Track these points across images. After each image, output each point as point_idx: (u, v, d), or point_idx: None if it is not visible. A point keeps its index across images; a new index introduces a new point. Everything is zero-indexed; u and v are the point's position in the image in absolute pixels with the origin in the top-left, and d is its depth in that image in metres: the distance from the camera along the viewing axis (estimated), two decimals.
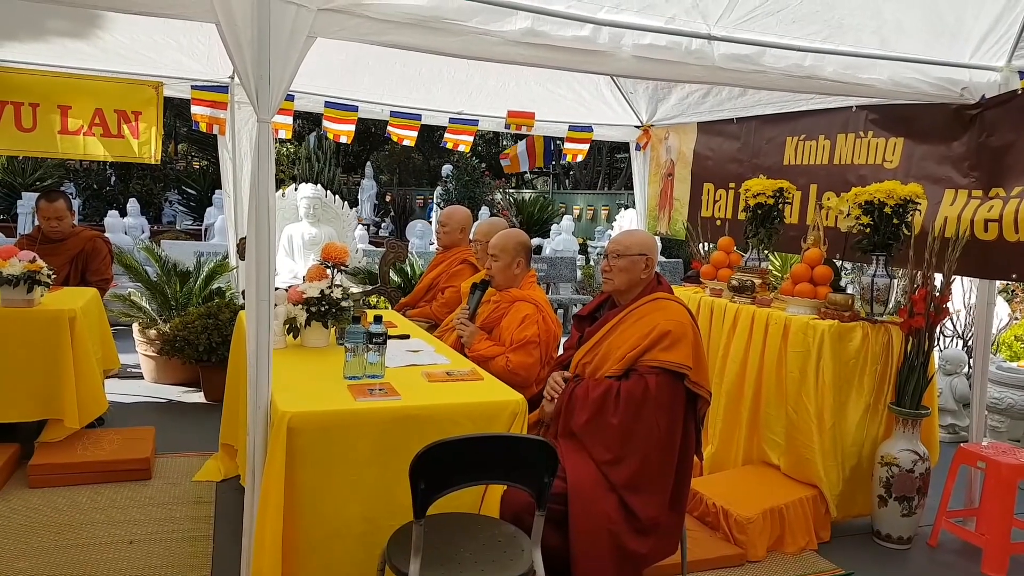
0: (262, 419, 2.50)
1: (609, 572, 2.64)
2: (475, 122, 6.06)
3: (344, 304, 3.42)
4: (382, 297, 5.75)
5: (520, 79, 5.60)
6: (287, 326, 3.34)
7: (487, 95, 5.84)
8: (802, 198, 4.58)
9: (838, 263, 4.34)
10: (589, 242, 13.55)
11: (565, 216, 12.41)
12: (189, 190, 17.73)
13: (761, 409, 3.96)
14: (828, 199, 4.33)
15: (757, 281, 4.19)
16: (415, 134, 6.06)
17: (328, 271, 3.59)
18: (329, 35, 2.58)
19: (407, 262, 6.74)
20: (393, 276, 6.59)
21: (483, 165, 16.37)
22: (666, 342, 2.77)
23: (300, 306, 3.35)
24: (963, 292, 5.92)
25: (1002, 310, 6.46)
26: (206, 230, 12.98)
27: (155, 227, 14.03)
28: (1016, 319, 6.47)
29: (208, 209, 13.71)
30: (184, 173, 19.01)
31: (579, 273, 10.22)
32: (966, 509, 3.77)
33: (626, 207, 13.34)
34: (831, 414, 3.64)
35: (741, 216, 4.87)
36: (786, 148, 4.79)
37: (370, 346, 2.88)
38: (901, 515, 3.55)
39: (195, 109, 5.55)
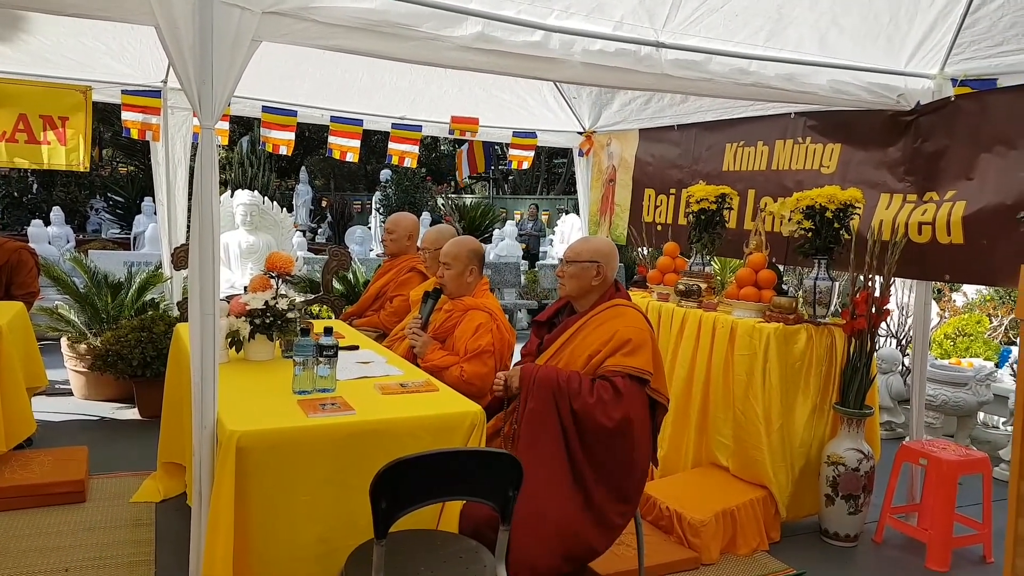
0: (208, 438, 2.40)
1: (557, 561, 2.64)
2: (418, 128, 5.98)
3: (290, 315, 3.32)
4: (325, 306, 5.63)
5: (463, 85, 5.56)
6: (229, 339, 3.22)
7: (430, 100, 5.77)
8: (740, 203, 4.67)
9: (784, 267, 4.43)
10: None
11: (508, 222, 12.39)
12: (116, 197, 17.07)
13: (709, 411, 4.00)
14: (767, 204, 4.42)
15: (703, 285, 4.25)
16: (357, 145, 5.92)
17: (272, 281, 3.49)
18: (275, 39, 2.51)
19: (350, 270, 6.62)
20: (336, 284, 6.47)
21: (423, 170, 16.21)
22: (627, 348, 2.81)
23: (243, 318, 3.24)
24: (895, 293, 6.13)
25: (931, 310, 6.72)
26: (135, 239, 12.51)
27: (80, 236, 13.45)
28: (944, 318, 6.73)
29: (137, 217, 13.21)
30: (111, 179, 18.29)
31: (523, 278, 10.23)
32: (909, 505, 3.88)
33: (567, 212, 13.41)
34: (778, 415, 3.70)
35: (682, 221, 4.93)
36: (725, 154, 4.88)
37: (320, 359, 2.80)
38: (848, 513, 3.64)
39: (126, 115, 5.33)
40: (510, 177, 23.23)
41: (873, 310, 3.63)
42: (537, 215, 14.97)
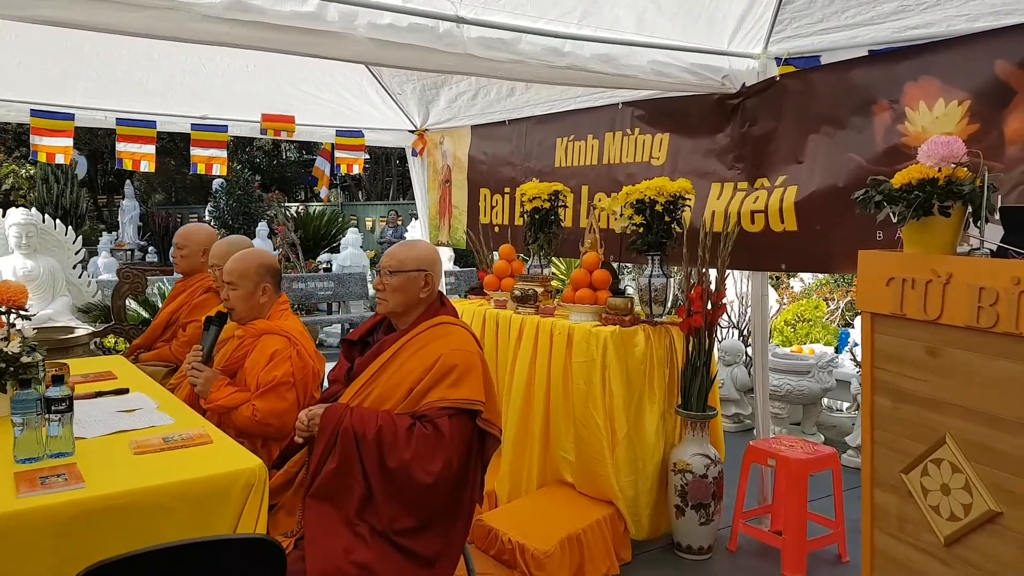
0: None
1: None
2: (223, 128, 5.33)
3: (27, 360, 2.68)
4: (120, 337, 4.89)
5: (270, 82, 5.00)
6: None
7: (237, 99, 5.16)
8: (575, 200, 4.41)
9: (618, 265, 4.18)
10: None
11: (350, 229, 11.72)
12: None
13: (551, 425, 3.67)
14: (600, 200, 4.17)
15: (539, 289, 3.92)
16: (152, 151, 5.20)
17: (4, 318, 2.83)
18: None
19: (156, 292, 5.86)
20: (138, 310, 5.69)
21: (258, 177, 15.16)
22: (453, 377, 2.40)
23: None
24: (735, 283, 6.09)
25: (771, 297, 6.77)
26: None
27: None
28: (784, 305, 6.80)
29: None
30: None
31: (370, 289, 9.67)
32: (761, 507, 3.70)
33: (417, 217, 12.93)
34: (623, 424, 3.41)
35: (518, 222, 4.62)
36: (557, 149, 4.61)
37: (50, 416, 2.21)
38: (699, 524, 3.39)
39: None
40: (361, 182, 22.45)
41: (709, 306, 3.40)
42: (398, 222, 14.42)
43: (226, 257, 3.41)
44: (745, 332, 6.08)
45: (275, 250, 11.54)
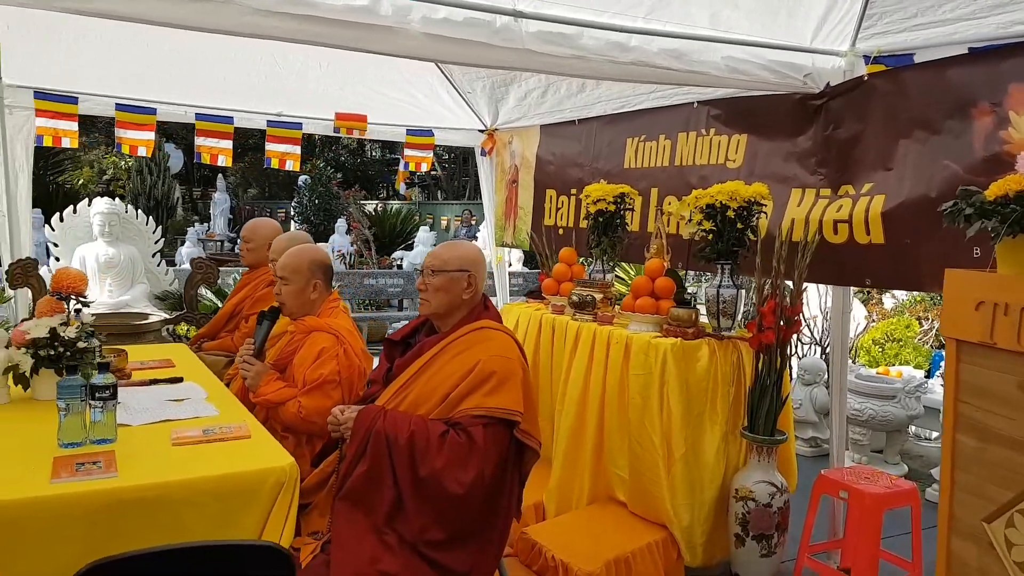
0: None
1: None
2: (298, 125, 5.39)
3: (83, 345, 2.72)
4: (192, 325, 4.99)
5: (344, 81, 5.01)
6: (10, 375, 2.63)
7: (309, 98, 5.20)
8: (643, 203, 4.21)
9: (687, 273, 3.98)
10: None
11: (421, 227, 11.76)
12: None
13: (605, 439, 3.51)
14: (669, 204, 3.97)
15: (598, 296, 3.76)
16: (229, 146, 5.31)
17: (64, 304, 2.88)
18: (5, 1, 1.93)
19: (232, 282, 5.98)
20: (212, 299, 5.82)
21: (339, 175, 15.40)
22: (491, 384, 2.30)
23: (25, 350, 2.64)
24: (819, 296, 5.77)
25: (858, 313, 6.39)
26: None
27: None
28: (873, 322, 6.40)
29: None
30: None
31: None
32: (831, 541, 3.43)
33: None
34: (680, 443, 3.21)
35: (583, 224, 4.47)
36: (626, 150, 4.43)
37: (93, 402, 2.23)
38: (760, 555, 3.16)
39: None
40: (438, 181, 22.67)
41: (783, 322, 3.17)
42: (472, 221, 14.43)
43: (283, 252, 3.42)
44: (828, 350, 5.74)
45: (351, 246, 11.70)
